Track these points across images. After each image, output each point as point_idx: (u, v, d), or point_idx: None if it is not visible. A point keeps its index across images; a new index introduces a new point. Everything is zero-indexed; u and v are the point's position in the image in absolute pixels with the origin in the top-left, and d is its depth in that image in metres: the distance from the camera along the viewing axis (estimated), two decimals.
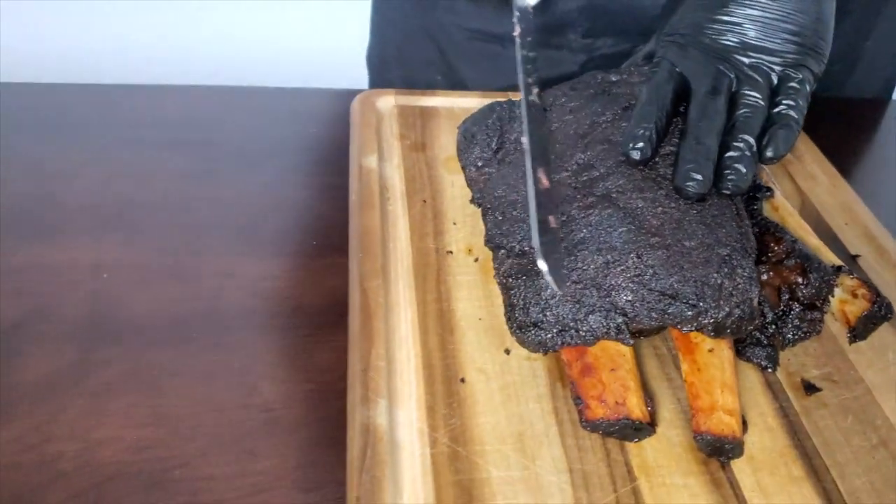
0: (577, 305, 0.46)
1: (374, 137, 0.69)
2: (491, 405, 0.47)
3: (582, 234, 0.48)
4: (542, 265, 0.43)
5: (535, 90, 0.50)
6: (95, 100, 0.75)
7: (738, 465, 0.45)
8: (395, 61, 0.88)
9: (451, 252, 0.58)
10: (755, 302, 0.47)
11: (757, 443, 0.46)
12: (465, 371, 0.49)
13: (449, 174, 0.65)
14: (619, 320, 0.46)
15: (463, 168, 0.60)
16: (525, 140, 0.48)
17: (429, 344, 0.50)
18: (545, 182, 0.46)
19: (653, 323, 0.46)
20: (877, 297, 0.50)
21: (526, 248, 0.49)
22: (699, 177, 0.48)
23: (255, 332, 0.54)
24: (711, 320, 0.45)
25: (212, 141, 0.72)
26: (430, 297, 0.54)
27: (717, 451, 0.45)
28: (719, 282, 0.46)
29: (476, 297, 0.54)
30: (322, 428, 0.48)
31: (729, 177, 0.48)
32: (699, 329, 0.46)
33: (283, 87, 0.80)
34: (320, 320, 0.55)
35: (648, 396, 0.47)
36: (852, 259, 0.61)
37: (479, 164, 0.58)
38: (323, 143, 0.73)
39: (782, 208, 0.58)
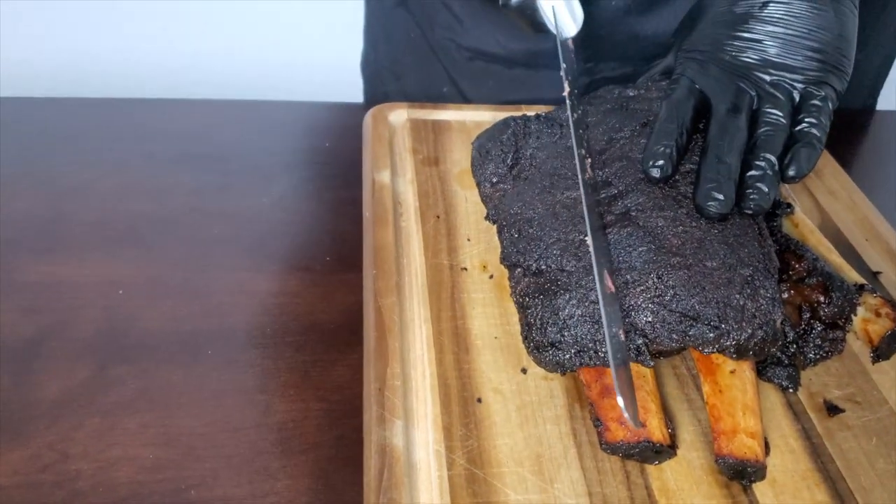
0: (596, 326, 0.45)
1: (386, 152, 0.68)
2: (508, 426, 0.46)
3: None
4: (620, 401, 0.41)
5: (589, 169, 0.50)
6: (106, 114, 0.75)
7: (760, 489, 0.44)
8: (389, 74, 0.87)
9: (465, 269, 0.57)
10: (778, 323, 0.46)
11: (779, 465, 0.45)
12: (482, 391, 0.48)
13: (462, 189, 0.64)
14: (640, 341, 0.45)
15: (477, 184, 0.59)
16: (589, 240, 0.47)
17: (444, 363, 0.50)
18: (611, 286, 0.46)
19: (673, 345, 0.45)
20: None
21: (543, 267, 0.49)
22: (721, 196, 0.47)
23: (268, 350, 0.53)
24: (733, 342, 0.45)
25: (224, 155, 0.71)
26: (445, 315, 0.53)
27: (740, 475, 0.44)
28: (742, 303, 0.45)
29: (491, 315, 0.53)
30: (337, 448, 0.47)
31: (751, 196, 0.48)
32: (721, 351, 0.45)
33: (294, 101, 0.80)
34: (334, 338, 0.54)
35: (669, 418, 0.46)
36: (874, 276, 0.60)
37: (494, 180, 0.58)
38: (335, 157, 0.73)
39: (802, 225, 0.57)
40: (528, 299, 0.48)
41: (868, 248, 0.63)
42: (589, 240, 0.47)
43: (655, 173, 0.49)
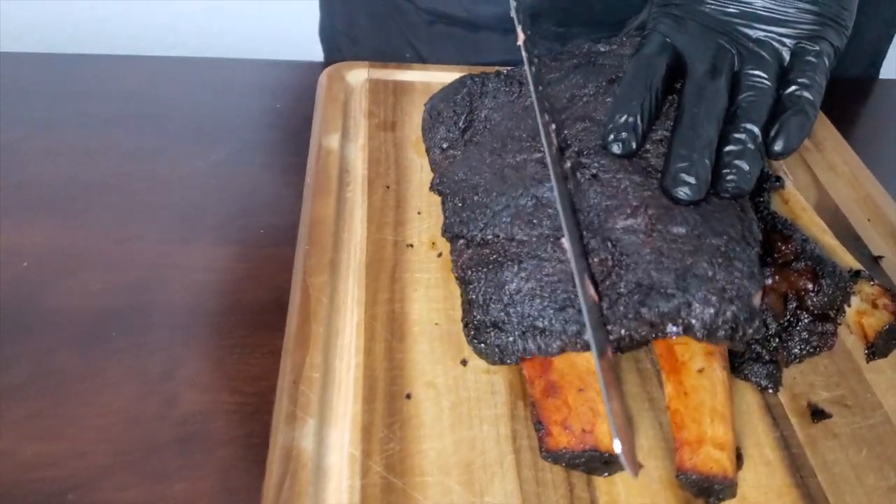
0: (548, 302, 0.39)
1: (339, 114, 0.62)
2: (438, 427, 0.40)
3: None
4: (616, 446, 0.34)
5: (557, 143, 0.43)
6: (41, 69, 0.69)
7: None
8: (345, 38, 0.81)
9: (411, 245, 0.51)
10: (756, 301, 0.40)
11: (751, 480, 0.39)
12: (413, 385, 0.42)
13: (419, 157, 0.58)
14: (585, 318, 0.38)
15: (427, 150, 0.53)
16: (566, 243, 0.40)
17: (373, 352, 0.43)
18: (594, 295, 0.39)
19: (629, 326, 0.39)
20: None
21: (489, 237, 0.43)
22: (691, 180, 0.40)
23: (180, 333, 0.47)
24: (697, 318, 0.38)
25: (165, 116, 0.65)
26: (382, 297, 0.47)
27: (705, 492, 0.38)
28: (710, 273, 0.39)
29: (434, 298, 0.47)
30: (246, 447, 0.41)
31: (728, 177, 0.41)
32: (686, 331, 0.39)
33: (248, 59, 0.74)
34: (259, 321, 0.48)
35: (632, 425, 0.40)
36: (874, 261, 0.53)
37: (445, 145, 0.51)
38: (286, 119, 0.66)
39: (793, 201, 0.51)
40: (470, 273, 0.42)
41: (870, 230, 0.56)
42: (566, 243, 0.40)
43: (616, 149, 0.42)
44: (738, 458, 0.40)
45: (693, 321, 0.38)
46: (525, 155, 0.45)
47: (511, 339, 0.40)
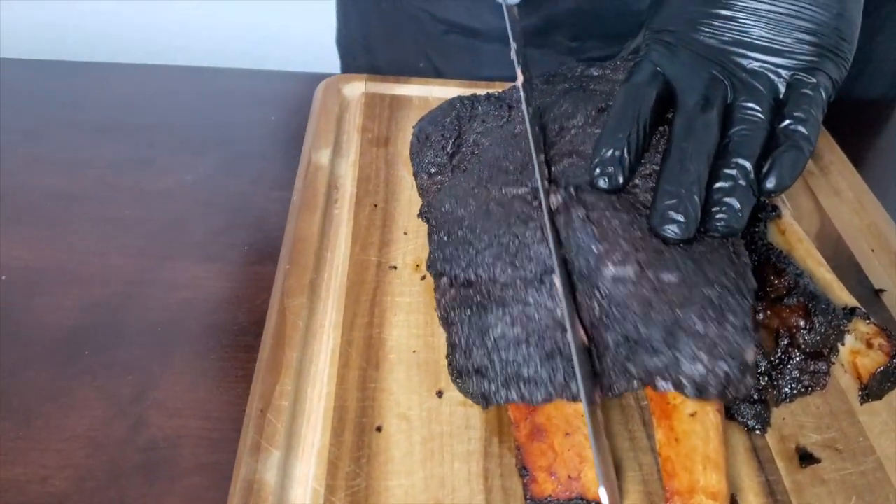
0: (532, 350, 0.37)
1: (331, 129, 0.61)
2: (407, 463, 0.39)
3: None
4: (602, 494, 0.34)
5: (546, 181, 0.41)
6: (30, 77, 0.69)
7: None
8: (360, 48, 0.80)
9: (394, 267, 0.49)
10: (749, 357, 0.37)
11: None
12: (385, 417, 0.41)
13: (410, 175, 0.57)
14: (576, 370, 0.37)
15: (414, 174, 0.51)
16: (557, 281, 0.38)
17: (347, 380, 0.42)
18: (583, 336, 0.37)
19: (617, 381, 0.37)
20: None
21: (472, 277, 0.41)
22: (680, 218, 0.38)
23: (157, 353, 0.46)
24: (686, 376, 0.36)
25: (155, 126, 0.64)
26: (361, 322, 0.46)
27: None
28: (701, 328, 0.36)
29: (415, 324, 0.46)
30: (213, 476, 0.40)
31: (718, 216, 0.39)
32: (676, 387, 0.37)
33: (246, 69, 0.73)
34: (236, 343, 0.47)
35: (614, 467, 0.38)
36: (876, 294, 0.52)
37: (432, 170, 0.50)
38: (280, 132, 0.65)
39: (790, 232, 0.49)
40: (452, 314, 0.40)
41: (873, 261, 0.54)
42: (556, 280, 0.39)
43: (602, 183, 0.40)
44: None
45: (682, 378, 0.36)
46: (511, 188, 0.43)
47: (494, 387, 0.38)
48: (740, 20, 0.44)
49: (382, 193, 0.55)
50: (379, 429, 0.40)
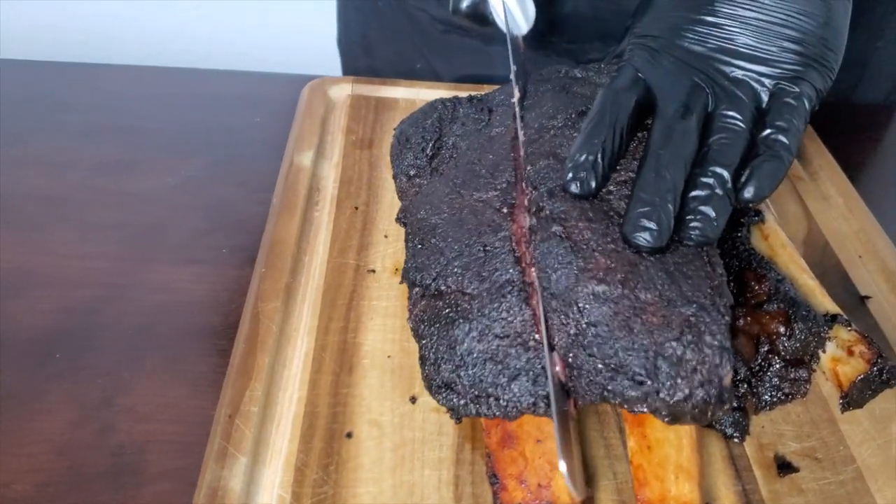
0: (500, 367, 0.37)
1: (315, 131, 0.60)
2: (377, 470, 0.38)
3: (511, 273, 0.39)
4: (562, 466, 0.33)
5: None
6: (15, 77, 0.68)
7: None
8: (360, 48, 0.80)
9: (373, 271, 0.49)
10: (727, 380, 0.36)
11: None
12: (356, 423, 0.40)
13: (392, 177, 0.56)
14: (549, 390, 0.36)
15: (394, 177, 0.50)
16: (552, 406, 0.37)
17: (319, 385, 0.42)
18: (573, 411, 0.37)
19: (593, 399, 0.36)
20: (878, 357, 0.40)
21: (442, 288, 0.40)
22: (653, 226, 0.37)
23: (129, 357, 0.46)
24: (664, 403, 0.35)
25: (139, 128, 0.64)
26: (336, 326, 0.45)
27: None
28: (679, 353, 0.35)
29: (391, 329, 0.45)
30: (180, 481, 0.40)
31: (692, 224, 0.38)
32: (652, 412, 0.36)
33: (233, 71, 0.72)
34: (209, 347, 0.47)
35: (586, 475, 0.37)
36: (861, 301, 0.51)
37: (412, 172, 0.49)
38: (264, 134, 0.65)
39: (774, 237, 0.48)
40: (423, 327, 0.39)
41: (859, 267, 0.53)
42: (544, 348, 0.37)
43: (574, 188, 0.40)
44: None
45: (660, 405, 0.35)
46: (483, 193, 0.42)
47: (463, 401, 0.37)
48: (725, 27, 0.44)
49: (364, 196, 0.55)
50: (349, 435, 0.39)
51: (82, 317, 0.48)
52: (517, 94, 0.49)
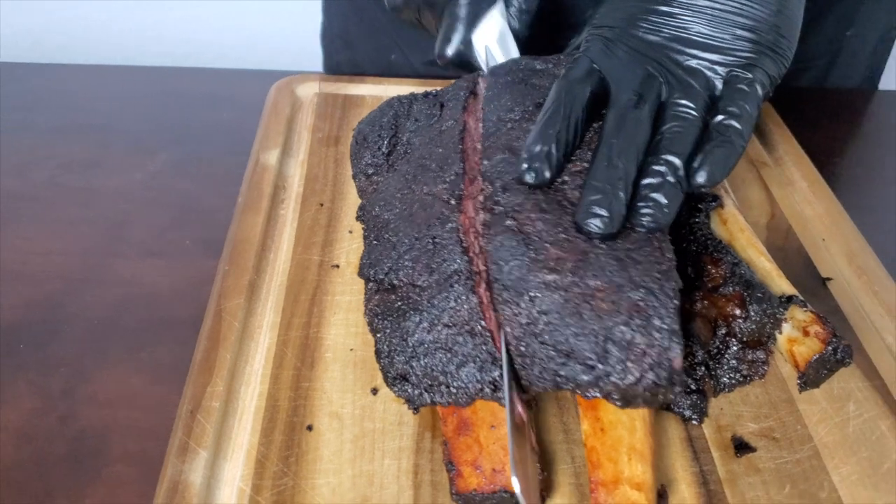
0: (449, 355, 0.37)
1: (281, 129, 0.61)
2: (337, 461, 0.38)
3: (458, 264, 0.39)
4: (515, 484, 0.33)
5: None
6: None
7: None
8: (341, 42, 0.80)
9: (337, 266, 0.49)
10: (677, 363, 0.37)
11: None
12: (316, 416, 0.40)
13: None
14: (496, 373, 0.36)
15: (353, 177, 0.51)
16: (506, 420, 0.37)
17: (280, 380, 0.42)
18: (522, 413, 0.37)
19: (545, 386, 0.37)
20: (833, 336, 0.40)
21: (395, 282, 0.40)
22: (604, 213, 0.37)
23: (91, 348, 0.46)
24: (615, 387, 0.35)
25: (108, 126, 0.65)
26: (298, 322, 0.45)
27: None
28: (629, 337, 0.35)
29: (354, 323, 0.46)
30: (139, 464, 0.40)
31: (644, 210, 0.38)
32: (604, 397, 0.36)
33: (202, 68, 0.73)
34: (172, 336, 0.47)
35: (543, 459, 0.38)
36: (822, 283, 0.51)
37: (370, 171, 0.49)
38: (234, 131, 0.65)
39: (732, 221, 0.48)
40: (377, 321, 0.40)
41: (822, 251, 0.54)
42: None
43: (529, 178, 0.40)
44: (663, 497, 0.38)
45: (611, 389, 0.35)
46: (432, 187, 0.43)
47: (417, 391, 0.37)
48: (680, 16, 0.44)
49: (329, 192, 0.55)
50: (310, 427, 0.40)
51: (46, 310, 0.48)
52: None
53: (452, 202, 0.41)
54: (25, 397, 0.43)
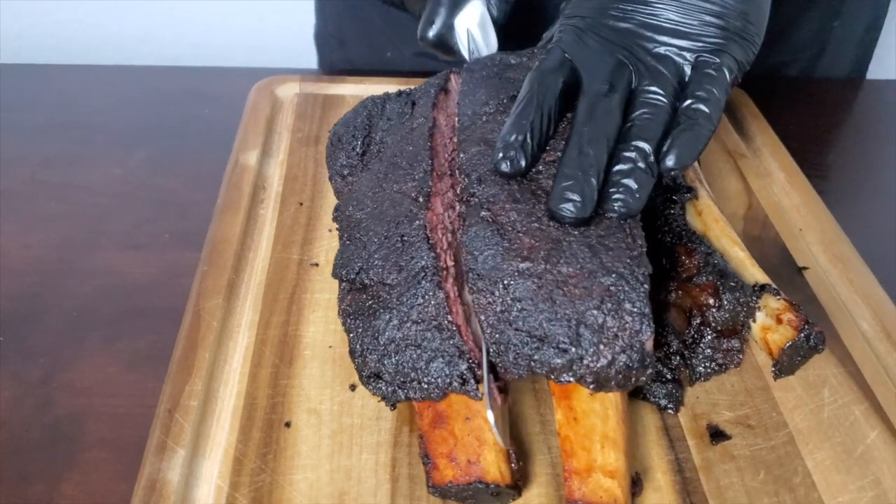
0: (419, 351, 0.37)
1: (260, 130, 0.61)
2: (314, 457, 0.39)
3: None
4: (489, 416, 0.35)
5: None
6: None
7: None
8: (335, 41, 0.81)
9: (316, 264, 0.49)
10: (648, 345, 0.37)
11: None
12: (295, 412, 0.41)
13: None
14: (464, 367, 0.37)
15: (330, 178, 0.51)
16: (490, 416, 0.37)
17: (258, 378, 0.42)
18: (498, 399, 0.37)
19: (520, 372, 0.37)
20: (805, 324, 0.41)
21: (366, 281, 0.40)
22: (576, 198, 0.38)
23: (70, 338, 0.47)
24: (589, 370, 0.36)
25: (90, 124, 0.66)
26: (277, 320, 0.46)
27: None
28: (600, 320, 0.36)
29: (332, 320, 0.46)
30: (113, 449, 0.41)
31: (615, 196, 0.39)
32: (578, 381, 0.37)
33: (183, 66, 0.75)
34: (148, 325, 0.48)
35: (518, 449, 0.38)
36: (798, 272, 0.52)
37: (346, 172, 0.49)
38: (214, 127, 0.66)
39: (707, 212, 0.49)
40: (349, 320, 0.40)
41: (798, 240, 0.54)
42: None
43: (504, 167, 0.40)
44: (637, 484, 0.38)
45: (584, 372, 0.36)
46: (402, 185, 0.43)
47: (391, 389, 0.38)
48: (650, 3, 0.45)
49: (309, 191, 0.56)
50: (288, 424, 0.40)
51: (25, 301, 0.49)
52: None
53: (420, 199, 0.42)
54: (4, 386, 0.43)
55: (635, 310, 0.36)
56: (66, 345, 0.46)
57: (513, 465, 0.37)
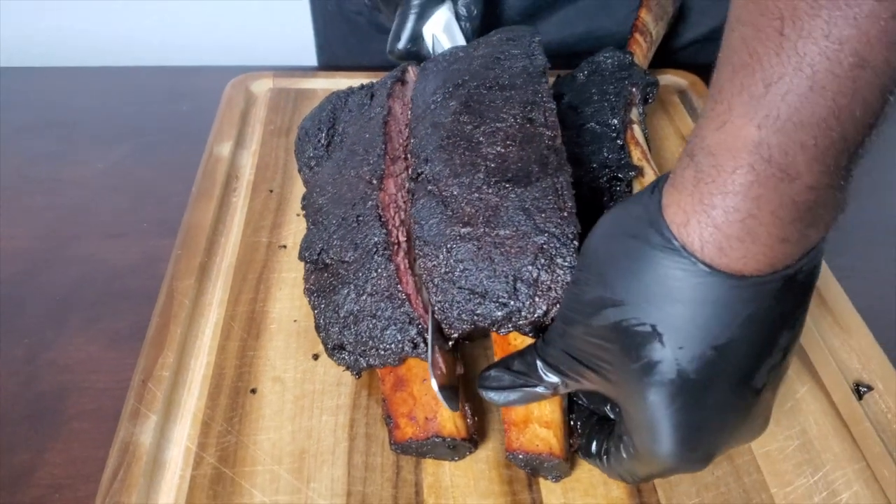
0: (375, 321, 0.40)
1: (234, 123, 0.64)
2: (278, 419, 0.41)
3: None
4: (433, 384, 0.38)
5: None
6: None
7: (547, 485, 0.39)
8: (341, 46, 0.83)
9: (284, 246, 0.52)
10: None
11: (579, 458, 0.40)
12: (260, 381, 0.43)
13: None
14: (413, 332, 0.40)
15: (299, 171, 0.54)
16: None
17: (226, 350, 0.45)
18: (442, 367, 0.40)
19: (464, 326, 0.40)
20: None
21: (328, 260, 0.44)
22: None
23: (53, 320, 0.50)
24: (526, 320, 0.39)
25: (73, 122, 0.68)
26: (245, 298, 0.48)
27: (535, 471, 0.39)
28: (535, 275, 0.39)
29: (298, 297, 0.49)
30: (94, 419, 0.44)
31: None
32: (517, 330, 0.40)
33: (163, 66, 0.77)
34: (127, 307, 0.51)
35: (474, 406, 0.41)
36: None
37: (313, 164, 0.52)
38: (192, 122, 0.68)
39: None
40: (314, 298, 0.43)
41: None
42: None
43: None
44: (575, 435, 0.41)
45: (522, 323, 0.39)
46: (358, 169, 0.46)
47: (353, 358, 0.41)
48: None
49: (279, 179, 0.58)
50: (254, 391, 0.43)
51: (12, 287, 0.52)
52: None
53: (374, 181, 0.45)
54: None
55: (566, 264, 0.39)
56: (50, 326, 0.49)
57: (468, 420, 0.40)
